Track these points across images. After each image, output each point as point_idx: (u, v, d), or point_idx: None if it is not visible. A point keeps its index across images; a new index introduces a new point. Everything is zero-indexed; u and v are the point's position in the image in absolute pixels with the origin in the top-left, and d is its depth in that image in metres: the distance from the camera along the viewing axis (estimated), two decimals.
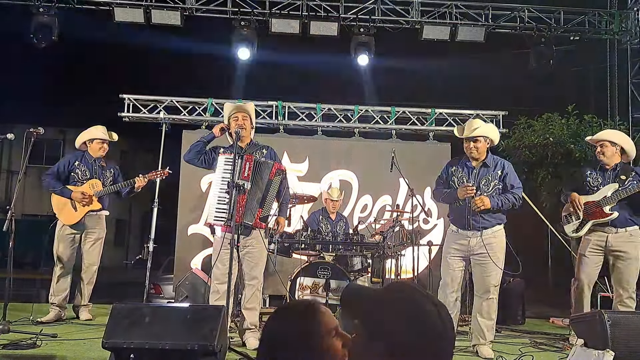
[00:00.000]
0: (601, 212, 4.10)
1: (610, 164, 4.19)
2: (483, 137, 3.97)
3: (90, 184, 4.78)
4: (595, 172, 4.25)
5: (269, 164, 3.95)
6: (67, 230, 4.73)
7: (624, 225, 4.09)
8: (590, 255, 4.17)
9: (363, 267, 5.31)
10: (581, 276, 4.20)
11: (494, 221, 3.91)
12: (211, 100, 7.38)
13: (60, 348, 3.59)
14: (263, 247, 3.98)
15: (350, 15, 7.32)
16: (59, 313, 4.67)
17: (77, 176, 4.77)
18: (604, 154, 4.19)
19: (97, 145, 4.87)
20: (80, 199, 4.66)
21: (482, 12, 7.44)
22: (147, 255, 5.54)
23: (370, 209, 7.09)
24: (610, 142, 4.19)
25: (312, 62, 11.55)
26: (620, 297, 4.12)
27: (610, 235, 4.11)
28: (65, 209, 4.71)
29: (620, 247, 4.08)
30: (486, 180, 3.95)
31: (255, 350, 3.72)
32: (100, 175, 4.86)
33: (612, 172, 4.19)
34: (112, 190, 4.87)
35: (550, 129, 7.11)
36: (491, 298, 3.88)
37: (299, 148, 7.22)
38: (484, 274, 3.88)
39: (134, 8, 7.00)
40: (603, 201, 4.10)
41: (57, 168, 4.79)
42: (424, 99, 9.71)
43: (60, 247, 4.71)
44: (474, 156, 4.01)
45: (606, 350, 2.94)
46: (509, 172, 3.95)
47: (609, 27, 7.65)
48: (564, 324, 5.42)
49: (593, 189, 4.21)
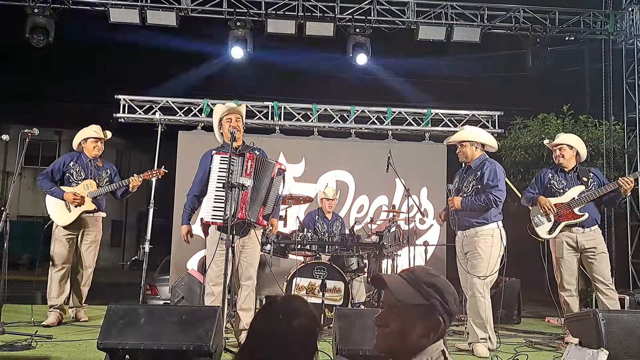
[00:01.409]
0: (572, 214, 4.31)
1: (569, 166, 4.43)
2: (469, 142, 4.15)
3: (84, 185, 4.74)
4: (557, 175, 4.46)
5: (271, 163, 3.97)
6: (62, 232, 4.68)
7: (590, 225, 4.31)
8: (568, 257, 4.35)
9: (359, 267, 5.31)
10: (566, 278, 4.36)
11: (474, 221, 4.00)
12: (207, 101, 7.38)
13: (55, 349, 3.57)
14: (258, 247, 4.00)
15: (346, 16, 7.32)
16: (60, 316, 4.62)
17: (72, 177, 4.73)
18: (563, 157, 4.42)
19: (91, 144, 4.83)
20: (71, 199, 4.61)
21: (477, 12, 7.45)
22: (143, 256, 5.52)
23: (366, 209, 7.09)
24: (568, 145, 4.43)
25: (308, 63, 11.56)
26: (600, 290, 4.28)
27: (579, 235, 4.32)
28: (59, 210, 4.67)
29: (590, 244, 4.28)
30: (467, 182, 4.11)
31: None
32: (96, 176, 4.81)
33: (573, 174, 4.42)
34: (107, 190, 4.83)
35: (546, 129, 7.15)
36: (476, 296, 3.93)
37: (295, 149, 7.22)
38: (468, 273, 4.00)
39: (129, 9, 6.97)
40: (572, 203, 4.31)
41: (52, 169, 4.76)
42: (420, 99, 9.73)
43: (56, 248, 4.66)
44: (462, 160, 4.26)
45: (600, 349, 2.96)
46: (486, 172, 4.04)
47: (604, 28, 7.68)
48: (559, 324, 5.44)
49: (559, 192, 4.41)
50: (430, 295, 1.40)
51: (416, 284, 1.42)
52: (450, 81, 13.11)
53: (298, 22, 7.16)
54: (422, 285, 1.41)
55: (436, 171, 7.06)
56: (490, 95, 11.14)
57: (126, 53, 13.58)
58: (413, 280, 1.43)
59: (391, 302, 1.42)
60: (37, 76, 16.02)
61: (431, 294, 1.40)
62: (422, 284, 1.42)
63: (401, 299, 1.39)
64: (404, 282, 1.43)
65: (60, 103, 18.22)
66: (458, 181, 4.24)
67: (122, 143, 22.40)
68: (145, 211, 5.75)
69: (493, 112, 7.65)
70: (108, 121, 7.36)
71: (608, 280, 4.28)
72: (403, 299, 1.39)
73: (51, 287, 4.65)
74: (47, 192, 4.68)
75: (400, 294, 1.40)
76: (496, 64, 11.25)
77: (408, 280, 1.44)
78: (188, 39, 9.98)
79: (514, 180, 6.97)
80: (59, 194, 4.64)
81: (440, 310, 1.40)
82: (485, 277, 3.91)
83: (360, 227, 6.16)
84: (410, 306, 1.39)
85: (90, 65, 18.24)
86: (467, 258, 4.03)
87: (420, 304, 1.39)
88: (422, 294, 1.40)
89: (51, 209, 4.70)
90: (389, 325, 1.40)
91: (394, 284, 1.43)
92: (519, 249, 9.48)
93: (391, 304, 1.42)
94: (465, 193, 4.06)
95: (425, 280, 1.43)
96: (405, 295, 1.40)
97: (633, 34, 7.54)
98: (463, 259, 4.10)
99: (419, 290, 1.40)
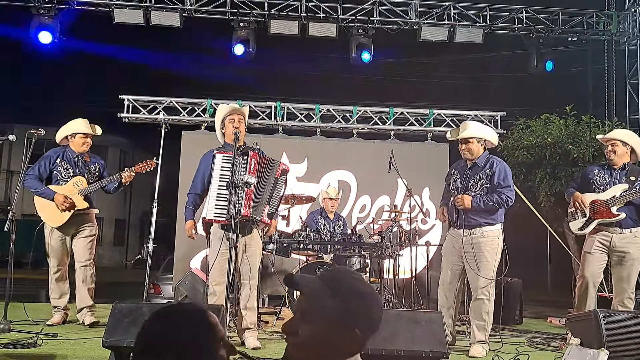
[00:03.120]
0: (608, 212, 4.07)
1: (619, 163, 4.15)
2: (476, 139, 3.98)
3: (74, 182, 4.48)
4: (603, 171, 4.22)
5: (276, 162, 3.98)
6: (56, 233, 4.46)
7: (629, 226, 4.06)
8: (595, 253, 4.14)
9: (361, 267, 5.33)
10: (586, 274, 4.16)
11: (482, 220, 3.90)
12: (210, 101, 7.41)
13: (60, 347, 3.61)
14: (260, 246, 4.03)
15: (349, 17, 7.34)
16: (65, 315, 4.55)
17: (60, 174, 4.48)
18: (614, 153, 4.15)
19: (80, 140, 4.57)
20: (61, 202, 4.36)
21: (480, 13, 7.47)
22: (146, 255, 5.55)
23: (368, 209, 7.11)
24: (622, 141, 4.15)
25: (311, 63, 11.59)
26: (620, 297, 4.12)
27: (615, 236, 4.08)
28: (50, 210, 4.41)
29: (624, 247, 4.05)
30: (474, 180, 3.96)
31: (255, 349, 3.75)
32: (84, 172, 4.56)
33: (620, 171, 4.14)
34: (98, 187, 4.57)
35: (549, 130, 7.12)
36: (480, 299, 3.88)
37: (298, 149, 7.24)
38: (472, 274, 3.91)
39: (134, 9, 7.02)
40: (611, 201, 4.06)
41: (38, 168, 4.49)
42: (422, 99, 9.75)
43: (51, 250, 4.48)
44: (466, 157, 4.05)
45: (601, 349, 2.97)
46: (496, 171, 3.92)
47: (607, 29, 7.68)
48: (561, 324, 5.45)
49: (600, 188, 4.16)
50: (349, 302, 1.20)
51: (335, 288, 1.22)
52: (453, 82, 13.12)
53: (301, 23, 7.19)
54: (342, 291, 1.22)
55: (438, 171, 7.04)
56: (492, 95, 11.15)
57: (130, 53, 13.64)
58: (331, 284, 1.23)
59: (303, 307, 1.23)
60: (42, 76, 16.11)
61: (350, 301, 1.20)
62: (342, 289, 1.22)
63: (313, 305, 1.21)
64: (322, 285, 1.23)
65: (65, 103, 18.30)
66: (460, 178, 4.04)
67: (125, 143, 22.49)
68: (149, 210, 5.77)
69: (495, 112, 7.66)
70: (113, 121, 7.42)
71: (631, 289, 4.08)
72: (316, 304, 1.20)
73: (52, 289, 4.54)
74: (37, 193, 4.43)
75: (314, 298, 1.21)
76: (499, 64, 11.25)
77: (326, 283, 1.24)
78: (191, 40, 10.03)
79: (516, 180, 6.96)
80: (49, 194, 4.39)
81: (359, 321, 1.21)
82: (493, 280, 3.86)
83: (363, 227, 6.18)
84: (325, 313, 1.19)
85: (94, 65, 18.32)
86: (467, 258, 3.92)
87: (336, 312, 1.19)
88: (341, 300, 1.20)
89: (41, 209, 4.45)
90: (299, 333, 1.20)
91: (309, 286, 1.25)
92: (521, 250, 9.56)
93: (303, 309, 1.23)
94: (473, 192, 3.91)
95: (347, 285, 1.24)
96: (319, 301, 1.20)
97: (636, 35, 7.55)
98: (456, 257, 3.98)
99: (337, 296, 1.20)
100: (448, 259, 4.08)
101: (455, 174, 4.14)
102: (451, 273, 4.03)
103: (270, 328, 4.71)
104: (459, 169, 4.14)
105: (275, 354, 3.63)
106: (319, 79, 13.97)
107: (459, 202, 3.89)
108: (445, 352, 3.11)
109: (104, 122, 5.16)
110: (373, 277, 5.37)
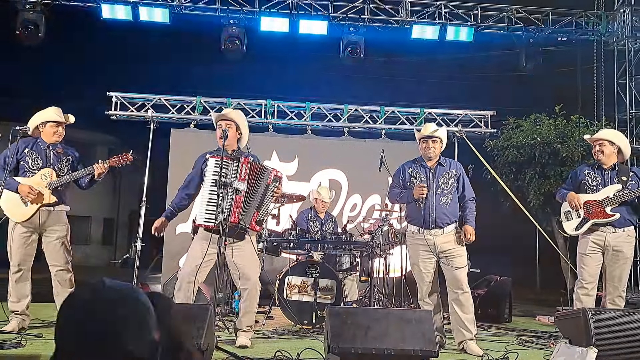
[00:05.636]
0: (603, 213, 4.09)
1: (608, 163, 4.19)
2: (439, 139, 4.14)
3: (42, 174, 4.10)
4: (594, 171, 4.24)
5: (268, 169, 3.94)
6: (19, 229, 4.06)
7: (622, 225, 4.10)
8: (591, 254, 4.14)
9: (352, 266, 5.32)
10: (585, 276, 4.15)
11: (454, 218, 4.09)
12: (200, 99, 7.35)
13: (45, 348, 3.54)
14: (253, 251, 3.94)
15: (339, 14, 7.32)
16: (23, 322, 4.10)
17: (28, 165, 4.10)
18: (602, 153, 4.18)
19: (51, 129, 4.19)
20: (26, 193, 3.98)
21: (471, 12, 7.49)
22: (134, 255, 5.49)
23: (359, 208, 7.11)
24: (609, 141, 4.18)
25: (302, 61, 11.55)
26: (611, 295, 4.14)
27: (609, 235, 4.10)
28: (14, 204, 4.04)
29: (618, 246, 4.09)
30: (444, 179, 4.10)
31: (241, 347, 3.75)
32: (55, 164, 4.16)
33: (611, 172, 4.18)
34: (69, 180, 4.16)
35: (538, 129, 7.16)
36: (467, 292, 4.01)
37: (288, 147, 7.22)
38: (455, 270, 3.98)
39: (122, 5, 6.95)
40: (605, 202, 4.09)
41: (4, 157, 4.10)
42: (413, 98, 9.75)
43: (13, 247, 4.06)
44: (430, 156, 4.13)
45: (590, 347, 2.98)
46: (464, 178, 4.16)
47: (596, 29, 7.74)
48: (550, 322, 5.48)
49: (592, 189, 4.19)
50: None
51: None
52: (443, 81, 13.14)
53: (292, 20, 7.16)
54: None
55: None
56: (483, 95, 11.18)
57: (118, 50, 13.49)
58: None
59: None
60: (27, 73, 15.88)
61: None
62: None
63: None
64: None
65: (51, 100, 18.07)
66: (425, 178, 4.07)
67: (113, 140, 22.28)
68: (137, 209, 5.72)
69: (486, 111, 7.70)
70: (101, 118, 7.32)
71: (622, 287, 4.12)
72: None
73: (10, 291, 4.10)
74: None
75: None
76: (489, 64, 11.30)
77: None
78: (180, 36, 9.93)
79: (506, 180, 6.99)
80: (12, 185, 4.01)
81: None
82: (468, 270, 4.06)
83: (353, 226, 6.17)
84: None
85: (81, 62, 18.11)
86: (447, 256, 4.00)
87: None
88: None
89: (4, 203, 4.04)
90: None
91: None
92: (510, 248, 9.59)
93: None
94: (444, 190, 4.04)
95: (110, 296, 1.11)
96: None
97: (624, 35, 7.61)
98: (428, 260, 4.03)
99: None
100: (421, 265, 4.07)
101: (418, 173, 4.16)
102: (428, 279, 4.07)
103: (259, 327, 4.68)
104: (422, 168, 4.16)
105: (264, 353, 3.61)
106: (309, 77, 13.92)
107: (469, 235, 4.00)
108: (435, 351, 3.12)
109: (92, 119, 5.07)
110: (363, 276, 5.36)
